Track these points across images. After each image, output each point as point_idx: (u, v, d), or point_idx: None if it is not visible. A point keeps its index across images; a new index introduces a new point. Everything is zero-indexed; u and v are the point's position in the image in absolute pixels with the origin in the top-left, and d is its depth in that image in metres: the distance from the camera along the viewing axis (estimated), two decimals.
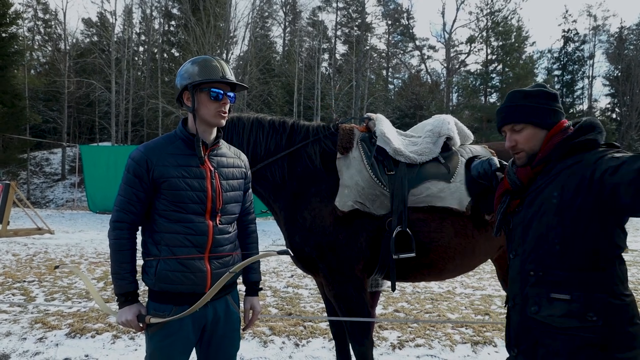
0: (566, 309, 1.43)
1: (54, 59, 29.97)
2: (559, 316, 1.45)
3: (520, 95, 1.68)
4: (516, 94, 1.69)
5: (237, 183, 1.96)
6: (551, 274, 1.49)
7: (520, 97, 1.67)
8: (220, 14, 26.32)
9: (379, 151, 2.65)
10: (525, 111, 1.64)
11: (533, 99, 1.64)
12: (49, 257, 8.17)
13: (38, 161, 28.37)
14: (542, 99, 1.64)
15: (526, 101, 1.65)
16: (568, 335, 1.42)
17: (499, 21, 31.56)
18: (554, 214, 1.49)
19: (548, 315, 1.47)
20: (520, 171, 1.67)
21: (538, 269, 1.52)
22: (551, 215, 1.49)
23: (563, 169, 1.52)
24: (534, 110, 1.63)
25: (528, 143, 1.64)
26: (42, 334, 4.03)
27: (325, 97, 28.86)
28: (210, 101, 1.82)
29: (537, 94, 1.65)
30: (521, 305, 1.57)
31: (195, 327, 1.83)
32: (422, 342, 4.04)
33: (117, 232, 1.80)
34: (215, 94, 1.81)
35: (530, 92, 1.67)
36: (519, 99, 1.67)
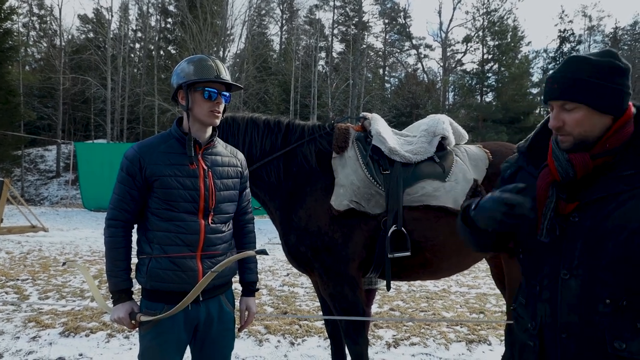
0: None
1: (49, 55, 29.82)
2: None
3: (583, 64, 1.30)
4: (577, 62, 1.31)
5: (232, 182, 1.95)
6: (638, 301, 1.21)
7: (582, 68, 1.30)
8: (217, 11, 26.26)
9: (374, 150, 2.65)
10: (584, 88, 1.28)
11: (597, 73, 1.28)
12: (43, 255, 8.13)
13: (32, 158, 28.23)
14: (609, 74, 1.28)
15: (588, 74, 1.29)
16: None
17: (495, 21, 31.60)
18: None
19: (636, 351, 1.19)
20: (576, 158, 1.30)
21: (619, 296, 1.23)
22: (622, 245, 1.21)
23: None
24: (595, 89, 1.27)
25: (579, 127, 1.30)
26: (35, 333, 4.01)
27: (322, 95, 28.85)
28: (204, 100, 1.81)
29: (604, 68, 1.28)
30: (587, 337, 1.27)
31: (188, 326, 1.83)
32: (417, 341, 4.05)
33: (112, 230, 1.81)
34: (209, 93, 1.81)
35: (597, 63, 1.29)
36: (580, 70, 1.30)
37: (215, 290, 1.89)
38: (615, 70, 1.28)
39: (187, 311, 1.80)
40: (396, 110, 29.66)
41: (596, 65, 1.28)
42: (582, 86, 1.28)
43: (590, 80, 1.28)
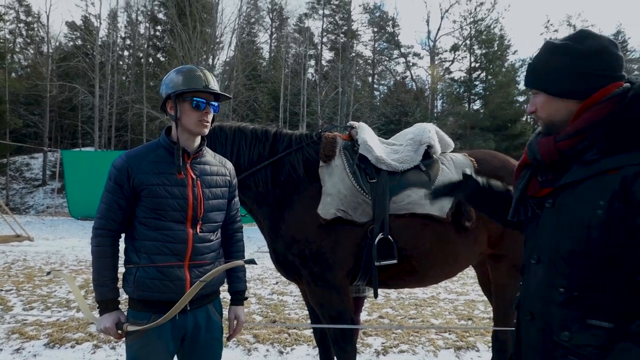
0: (606, 339, 1.15)
1: (36, 62, 29.51)
2: (596, 347, 1.17)
3: (545, 51, 1.31)
4: (543, 49, 1.33)
5: (221, 191, 1.96)
6: (590, 297, 1.19)
7: (544, 55, 1.31)
8: (206, 19, 26.26)
9: (361, 159, 2.67)
10: (541, 75, 1.31)
11: (556, 59, 1.27)
12: (27, 264, 8.00)
13: (18, 166, 27.82)
14: (569, 58, 1.25)
15: (548, 61, 1.30)
16: None
17: (482, 30, 32.06)
18: (600, 228, 1.16)
19: (582, 345, 1.19)
20: (542, 142, 1.32)
21: (572, 288, 1.22)
22: (596, 229, 1.17)
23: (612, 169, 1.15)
24: (551, 75, 1.28)
25: (544, 112, 1.32)
26: (19, 345, 3.95)
27: (311, 103, 28.93)
28: (192, 110, 1.82)
29: (565, 52, 1.26)
30: (542, 324, 1.29)
31: (175, 336, 1.82)
32: (406, 348, 4.06)
33: (99, 239, 1.81)
34: (197, 103, 1.82)
35: (559, 48, 1.28)
36: (542, 57, 1.32)
37: (202, 300, 1.88)
38: (576, 53, 1.24)
39: (175, 321, 1.79)
40: (385, 118, 29.82)
41: (557, 51, 1.28)
42: (539, 73, 1.31)
43: (547, 66, 1.29)
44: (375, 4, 35.44)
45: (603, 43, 1.24)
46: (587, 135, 1.23)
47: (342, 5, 36.05)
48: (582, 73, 1.24)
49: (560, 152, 1.27)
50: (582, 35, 1.27)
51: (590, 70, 1.23)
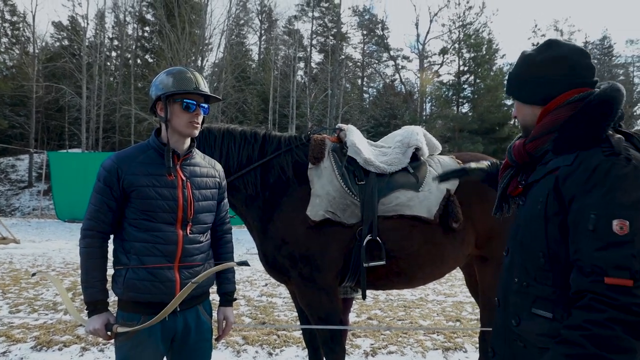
0: (547, 328, 1.23)
1: (21, 62, 29.12)
2: (538, 334, 1.25)
3: (517, 62, 1.43)
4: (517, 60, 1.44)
5: (211, 193, 1.97)
6: (535, 287, 1.28)
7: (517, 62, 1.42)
8: (195, 20, 26.15)
9: (349, 161, 2.70)
10: (511, 83, 1.43)
11: (521, 68, 1.39)
12: (14, 267, 7.90)
13: (3, 168, 27.41)
14: (530, 67, 1.35)
15: (516, 69, 1.41)
16: None
17: (470, 34, 32.38)
18: (537, 222, 1.26)
19: (527, 331, 1.28)
20: (516, 145, 1.43)
21: (522, 279, 1.32)
22: (536, 223, 1.27)
23: (555, 169, 1.24)
24: (517, 83, 1.40)
25: (519, 116, 1.43)
26: (5, 348, 3.90)
27: (300, 105, 28.95)
28: (182, 112, 1.83)
29: (526, 60, 1.38)
30: (503, 311, 1.40)
31: (165, 337, 1.82)
32: (394, 349, 4.10)
33: (87, 240, 1.81)
34: (187, 104, 1.83)
35: (525, 56, 1.39)
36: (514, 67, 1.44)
37: (192, 301, 1.89)
38: (535, 62, 1.34)
39: (164, 322, 1.79)
40: (374, 120, 29.96)
41: (523, 61, 1.38)
42: (512, 82, 1.42)
43: (516, 76, 1.40)
44: (364, 7, 35.66)
45: (564, 51, 1.31)
46: (547, 138, 1.30)
47: (331, 8, 36.15)
48: (542, 80, 1.32)
49: (529, 154, 1.37)
50: (546, 44, 1.35)
51: (549, 77, 1.31)
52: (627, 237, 1.08)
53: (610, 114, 1.21)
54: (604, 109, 1.22)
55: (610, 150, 1.16)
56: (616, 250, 1.08)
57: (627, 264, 1.06)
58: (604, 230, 1.10)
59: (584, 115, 1.23)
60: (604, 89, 1.26)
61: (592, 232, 1.11)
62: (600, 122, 1.20)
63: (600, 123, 1.20)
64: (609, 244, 1.09)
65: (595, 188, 1.13)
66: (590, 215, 1.12)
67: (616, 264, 1.07)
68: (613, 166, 1.14)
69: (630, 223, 1.08)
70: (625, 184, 1.12)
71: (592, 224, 1.11)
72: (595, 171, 1.15)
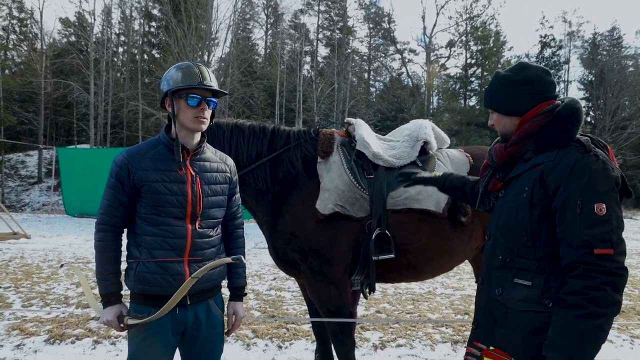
0: (526, 294, 1.50)
1: (29, 58, 29.33)
2: (518, 300, 1.52)
3: (493, 80, 1.70)
4: (493, 78, 1.72)
5: (221, 188, 1.98)
6: (517, 261, 1.55)
7: (492, 82, 1.70)
8: (201, 15, 26.16)
9: (358, 155, 2.71)
10: (491, 98, 1.70)
11: (499, 86, 1.66)
12: (25, 262, 8.00)
13: (13, 164, 27.69)
14: (507, 85, 1.64)
15: (495, 87, 1.68)
16: (525, 318, 1.50)
17: (477, 26, 32.12)
18: (523, 208, 1.53)
19: (509, 299, 1.55)
20: (497, 149, 1.70)
21: (506, 255, 1.59)
22: (521, 209, 1.53)
23: (538, 164, 1.52)
24: (494, 97, 1.68)
25: (498, 126, 1.71)
26: (19, 341, 3.96)
27: (307, 99, 28.92)
28: (187, 107, 1.85)
29: (504, 81, 1.65)
30: (487, 286, 1.66)
31: (175, 330, 1.85)
32: (403, 342, 4.11)
33: (101, 234, 1.85)
34: (192, 99, 1.84)
35: (502, 76, 1.66)
36: (491, 84, 1.71)
37: (203, 294, 1.91)
38: (512, 81, 1.63)
39: (175, 315, 1.82)
40: (381, 114, 29.86)
41: (502, 81, 1.66)
42: (490, 97, 1.70)
43: (496, 92, 1.67)
44: (370, 0, 35.31)
45: (537, 72, 1.62)
46: (526, 142, 1.60)
47: (337, 2, 35.96)
48: (520, 97, 1.62)
49: (509, 155, 1.65)
50: (520, 67, 1.65)
51: (526, 94, 1.61)
52: (605, 216, 1.38)
53: (578, 121, 1.54)
54: (573, 117, 1.54)
55: (583, 149, 1.48)
56: (599, 227, 1.38)
57: (607, 237, 1.37)
58: (588, 212, 1.39)
59: (558, 122, 1.54)
60: (569, 102, 1.58)
61: (579, 214, 1.40)
62: (571, 127, 1.53)
63: (571, 127, 1.53)
64: (594, 222, 1.38)
65: (577, 179, 1.43)
66: (577, 201, 1.41)
67: (601, 238, 1.37)
68: (588, 161, 1.44)
69: (606, 205, 1.39)
70: (598, 176, 1.42)
71: (578, 207, 1.40)
72: (575, 165, 1.44)
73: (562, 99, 1.62)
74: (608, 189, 1.41)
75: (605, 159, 1.46)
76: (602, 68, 33.70)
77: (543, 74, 1.62)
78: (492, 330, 1.60)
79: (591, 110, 35.85)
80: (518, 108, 1.62)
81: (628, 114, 33.64)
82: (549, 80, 1.62)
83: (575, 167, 1.43)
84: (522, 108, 1.61)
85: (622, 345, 4.22)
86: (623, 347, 4.19)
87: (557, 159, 1.48)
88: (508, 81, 1.63)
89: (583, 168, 1.42)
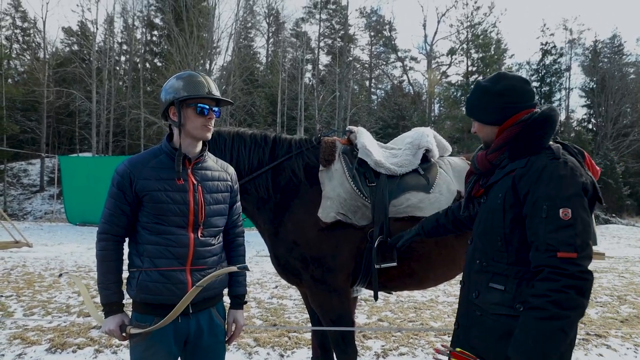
0: (499, 298, 1.56)
1: (32, 68, 29.52)
2: (492, 303, 1.58)
3: (474, 90, 1.76)
4: (473, 89, 1.77)
5: (222, 196, 1.99)
6: (492, 266, 1.61)
7: (474, 90, 1.75)
8: (203, 24, 26.33)
9: (360, 163, 2.71)
10: (471, 108, 1.76)
11: (479, 96, 1.72)
12: (27, 270, 8.00)
13: (15, 172, 27.77)
14: (485, 96, 1.70)
15: (474, 97, 1.74)
16: (498, 322, 1.56)
17: (479, 34, 32.27)
18: (497, 213, 1.59)
19: (484, 302, 1.61)
20: (479, 156, 1.76)
21: (483, 259, 1.65)
22: (496, 214, 1.59)
23: (511, 171, 1.58)
24: (474, 107, 1.74)
25: (480, 134, 1.77)
26: (21, 350, 3.95)
27: (308, 107, 29.00)
28: (196, 116, 1.86)
29: (482, 92, 1.71)
30: (466, 289, 1.73)
31: (177, 339, 1.85)
32: (405, 351, 4.09)
33: (103, 243, 1.84)
34: (201, 108, 1.86)
35: (481, 86, 1.72)
36: (472, 94, 1.76)
37: (205, 303, 1.91)
38: (491, 92, 1.67)
39: (177, 323, 1.82)
40: (383, 121, 29.93)
41: (479, 90, 1.71)
42: (472, 107, 1.75)
43: (476, 103, 1.73)
44: (372, 8, 35.61)
45: (515, 82, 1.67)
46: (504, 149, 1.64)
47: (338, 10, 36.22)
48: (499, 107, 1.66)
49: (490, 162, 1.69)
50: (499, 77, 1.69)
51: (504, 104, 1.66)
52: (570, 221, 1.42)
53: (550, 128, 1.58)
54: (545, 125, 1.58)
55: (553, 155, 1.52)
56: (564, 231, 1.41)
57: (572, 241, 1.40)
58: (553, 217, 1.43)
59: (530, 130, 1.58)
60: (544, 110, 1.61)
61: (545, 218, 1.44)
62: (543, 134, 1.57)
63: (543, 135, 1.57)
64: (558, 227, 1.42)
65: (544, 184, 1.47)
66: (543, 206, 1.44)
67: (565, 241, 1.40)
68: (556, 168, 1.48)
69: (572, 210, 1.42)
70: (565, 181, 1.46)
71: (544, 212, 1.44)
72: (543, 171, 1.49)
73: (541, 107, 1.67)
74: (573, 193, 1.44)
75: (574, 165, 1.50)
76: (604, 75, 33.79)
77: (521, 84, 1.67)
78: (470, 331, 1.66)
79: (592, 117, 35.88)
80: (497, 117, 1.67)
81: (630, 121, 33.67)
82: (527, 90, 1.67)
83: (543, 173, 1.48)
84: (501, 117, 1.66)
85: (626, 354, 4.19)
86: (627, 355, 4.16)
87: (527, 165, 1.53)
88: (487, 91, 1.68)
89: (550, 174, 1.47)
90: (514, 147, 1.60)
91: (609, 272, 8.80)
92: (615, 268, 9.31)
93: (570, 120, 36.08)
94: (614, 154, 29.94)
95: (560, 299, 1.37)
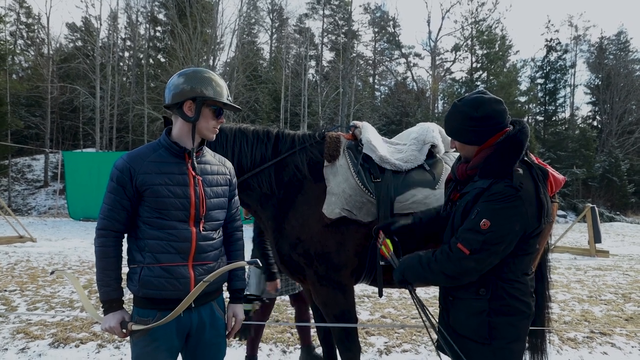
0: (466, 285, 1.84)
1: (36, 63, 29.58)
2: (461, 289, 1.87)
3: (454, 113, 1.90)
4: (452, 110, 1.92)
5: (222, 190, 1.98)
6: None
7: (454, 112, 1.91)
8: (206, 20, 26.27)
9: (365, 159, 2.68)
10: (448, 127, 1.95)
11: (456, 118, 1.88)
12: (31, 265, 8.03)
13: (20, 167, 27.87)
14: (463, 120, 1.86)
15: (454, 119, 1.90)
16: (466, 305, 1.86)
17: (483, 30, 32.08)
18: (459, 219, 1.85)
19: (455, 288, 1.90)
20: (459, 167, 1.96)
21: None
22: (457, 220, 1.86)
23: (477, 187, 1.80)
24: (454, 129, 1.92)
25: (461, 151, 1.97)
26: (24, 344, 3.96)
27: (312, 103, 28.96)
28: (213, 117, 1.91)
29: (458, 115, 1.87)
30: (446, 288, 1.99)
31: (180, 333, 1.84)
32: (408, 348, 4.07)
33: (102, 239, 1.82)
34: (219, 112, 1.92)
35: (460, 110, 1.87)
36: (453, 113, 1.91)
37: (207, 297, 1.91)
38: (470, 117, 1.84)
39: (179, 318, 1.81)
40: (386, 118, 29.87)
41: (459, 114, 1.87)
42: (452, 128, 1.93)
43: (457, 125, 1.89)
44: (375, 4, 35.49)
45: (492, 107, 1.83)
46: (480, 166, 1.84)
47: (342, 6, 36.09)
48: (477, 131, 1.84)
49: (469, 175, 1.90)
50: (477, 102, 1.84)
51: (482, 128, 1.83)
52: (484, 230, 1.70)
53: (518, 152, 1.79)
54: (512, 149, 1.78)
55: (510, 184, 1.72)
56: (474, 234, 1.72)
57: (474, 243, 1.71)
58: (475, 221, 1.73)
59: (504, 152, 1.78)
60: (513, 133, 1.81)
61: (472, 219, 1.75)
62: (510, 160, 1.77)
63: (510, 160, 1.77)
64: (473, 229, 1.73)
65: (488, 202, 1.73)
66: (476, 210, 1.75)
67: (469, 240, 1.73)
68: (506, 193, 1.71)
69: (492, 224, 1.70)
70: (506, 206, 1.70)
71: (473, 215, 1.75)
72: (495, 194, 1.72)
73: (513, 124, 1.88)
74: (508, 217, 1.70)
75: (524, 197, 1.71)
76: (609, 72, 33.59)
77: (497, 106, 1.84)
78: (448, 312, 1.97)
79: (597, 114, 35.69)
80: (477, 139, 1.86)
81: (635, 119, 33.47)
82: (501, 110, 1.84)
83: (493, 195, 1.72)
84: (480, 139, 1.85)
85: (631, 352, 4.16)
86: (632, 353, 4.13)
87: (489, 188, 1.75)
88: (467, 117, 1.85)
89: (497, 197, 1.71)
90: (485, 169, 1.80)
91: (613, 270, 8.76)
92: (619, 266, 9.26)
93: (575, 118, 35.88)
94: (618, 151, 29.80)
95: (432, 266, 1.81)
